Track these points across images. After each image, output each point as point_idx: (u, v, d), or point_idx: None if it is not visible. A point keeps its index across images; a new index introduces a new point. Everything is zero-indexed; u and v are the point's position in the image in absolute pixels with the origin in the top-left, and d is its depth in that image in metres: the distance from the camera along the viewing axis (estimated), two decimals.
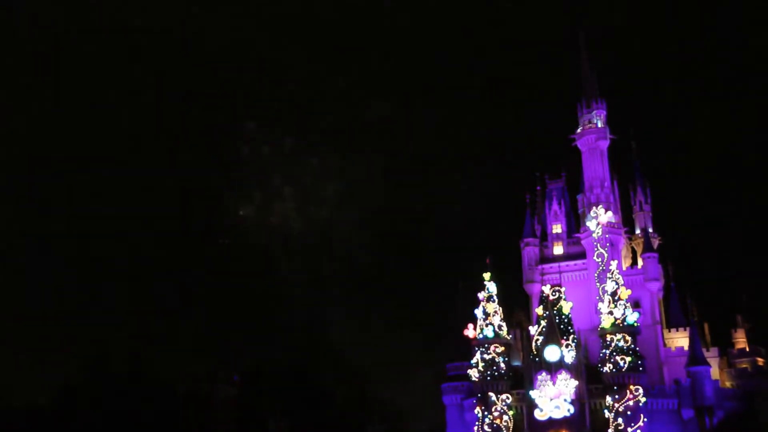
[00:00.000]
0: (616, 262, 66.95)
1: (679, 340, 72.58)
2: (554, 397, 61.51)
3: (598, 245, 70.27)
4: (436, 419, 77.34)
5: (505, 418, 62.47)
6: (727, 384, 69.82)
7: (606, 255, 69.23)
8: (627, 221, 77.57)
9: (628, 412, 60.10)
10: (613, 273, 64.08)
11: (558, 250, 76.78)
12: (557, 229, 77.43)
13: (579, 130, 78.17)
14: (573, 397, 61.35)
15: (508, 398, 62.87)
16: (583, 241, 74.53)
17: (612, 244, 71.31)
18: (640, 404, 60.47)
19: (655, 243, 76.88)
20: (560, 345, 62.82)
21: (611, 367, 61.11)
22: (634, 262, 75.99)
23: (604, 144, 77.14)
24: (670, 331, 73.88)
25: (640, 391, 60.58)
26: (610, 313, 62.38)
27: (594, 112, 77.76)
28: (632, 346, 61.58)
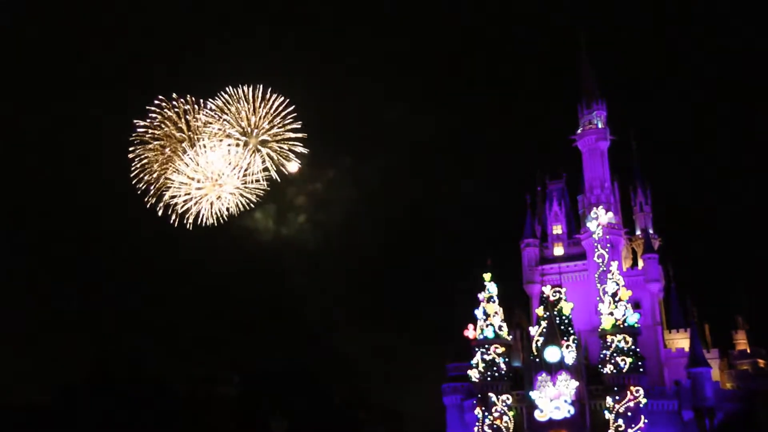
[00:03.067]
0: (616, 263, 66.89)
1: (680, 341, 72.51)
2: (554, 398, 61.45)
3: (599, 246, 70.18)
4: (436, 420, 77.18)
5: (505, 418, 62.38)
6: (728, 385, 69.70)
7: (606, 256, 69.14)
8: (627, 222, 77.49)
9: (629, 413, 60.04)
10: (613, 274, 64.04)
11: (558, 250, 76.73)
12: (557, 229, 77.39)
13: (579, 131, 78.10)
14: (573, 398, 61.27)
15: (508, 399, 62.79)
16: (583, 242, 74.45)
17: (612, 245, 71.20)
18: (641, 405, 60.40)
19: (656, 244, 76.80)
20: (560, 346, 62.76)
21: (612, 368, 61.06)
22: (635, 263, 75.89)
23: (605, 145, 77.09)
24: (670, 332, 73.81)
25: (641, 392, 60.51)
26: (611, 314, 62.33)
27: (594, 112, 77.69)
28: (632, 347, 61.51)
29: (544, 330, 63.98)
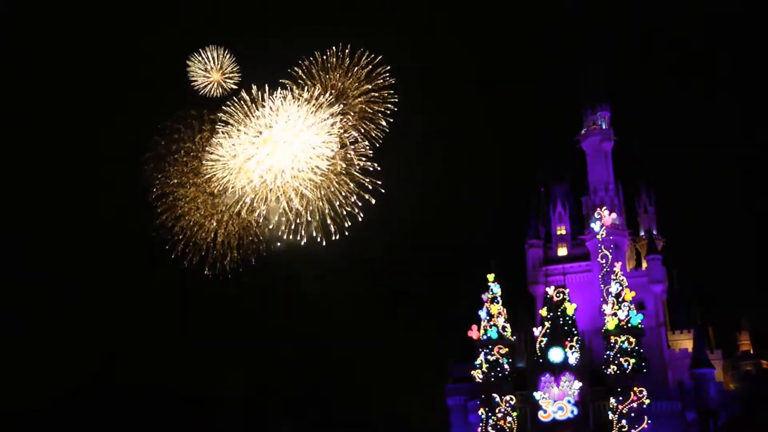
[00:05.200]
0: (620, 263, 66.97)
1: (683, 342, 72.55)
2: (558, 399, 61.53)
3: (603, 247, 70.24)
4: (439, 421, 77.15)
5: (509, 419, 62.47)
6: (731, 386, 69.75)
7: (610, 257, 69.22)
8: (631, 223, 77.56)
9: (632, 414, 60.09)
10: (617, 275, 64.12)
11: (562, 251, 76.83)
12: (561, 230, 77.50)
13: (583, 132, 78.19)
14: (577, 398, 61.35)
15: (511, 400, 62.90)
16: (587, 243, 74.51)
17: (616, 246, 71.27)
18: (644, 406, 60.42)
19: (659, 245, 76.88)
20: (564, 347, 62.86)
21: (615, 369, 61.12)
22: (638, 264, 75.97)
23: (609, 146, 77.19)
24: (674, 333, 73.85)
25: (644, 393, 60.53)
26: (615, 314, 62.40)
27: (598, 113, 77.82)
28: (636, 348, 61.58)
29: (548, 331, 64.15)
